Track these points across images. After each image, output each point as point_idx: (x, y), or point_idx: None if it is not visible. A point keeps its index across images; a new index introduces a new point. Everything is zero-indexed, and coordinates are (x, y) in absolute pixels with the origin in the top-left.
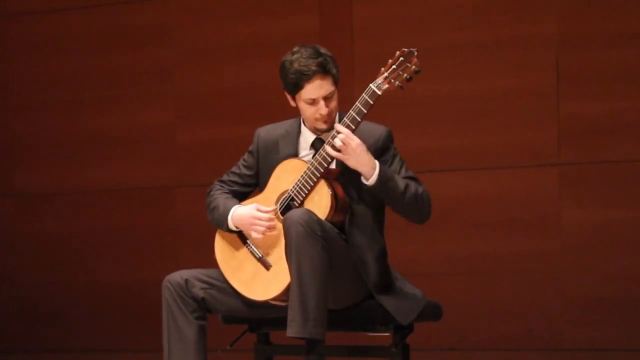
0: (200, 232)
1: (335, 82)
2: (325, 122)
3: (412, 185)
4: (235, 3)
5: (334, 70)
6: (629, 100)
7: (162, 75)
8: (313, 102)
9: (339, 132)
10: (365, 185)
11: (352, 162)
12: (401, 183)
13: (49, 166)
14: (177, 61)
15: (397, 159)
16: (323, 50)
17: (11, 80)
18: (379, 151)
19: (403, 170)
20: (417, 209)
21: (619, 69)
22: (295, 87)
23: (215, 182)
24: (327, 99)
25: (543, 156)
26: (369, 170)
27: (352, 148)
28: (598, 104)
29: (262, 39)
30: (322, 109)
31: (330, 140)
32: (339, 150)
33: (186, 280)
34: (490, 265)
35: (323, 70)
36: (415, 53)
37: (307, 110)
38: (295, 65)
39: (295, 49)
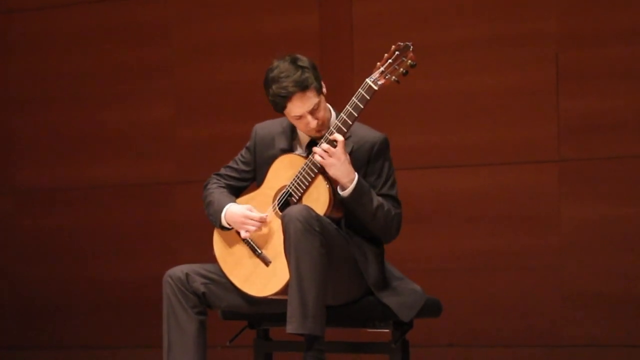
0: (200, 228)
1: (319, 91)
2: (318, 131)
3: (385, 207)
4: (236, 0)
5: (314, 83)
6: (628, 97)
7: (162, 71)
8: (300, 117)
9: (330, 139)
10: (339, 195)
11: (333, 171)
12: (374, 202)
13: (48, 163)
14: (177, 58)
15: (386, 171)
16: (301, 61)
17: (10, 76)
18: (372, 157)
19: (387, 185)
20: (383, 231)
21: (618, 66)
22: (279, 107)
23: (212, 176)
24: (313, 111)
25: (543, 153)
26: (347, 182)
27: (337, 156)
28: (598, 101)
29: (262, 36)
30: (311, 122)
31: (323, 141)
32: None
33: (187, 275)
34: (490, 261)
35: (301, 88)
36: (411, 47)
37: (297, 124)
38: (273, 86)
39: (274, 64)
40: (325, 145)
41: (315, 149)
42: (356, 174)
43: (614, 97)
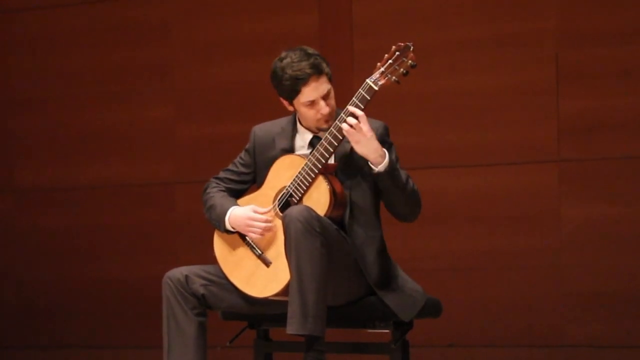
0: (200, 228)
1: (330, 79)
2: (326, 121)
3: (410, 180)
4: (235, 0)
5: (327, 68)
6: (628, 97)
7: (161, 71)
8: (312, 103)
9: (351, 114)
10: (373, 171)
11: (361, 148)
12: (403, 175)
13: (48, 162)
14: (176, 58)
15: (393, 154)
16: (311, 50)
17: (10, 76)
18: None
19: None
20: (413, 204)
21: (618, 66)
22: (293, 93)
23: (211, 179)
24: (325, 97)
25: (542, 153)
26: (377, 157)
27: (363, 132)
28: (598, 101)
29: (262, 35)
30: (324, 108)
31: (338, 123)
32: (352, 127)
33: (186, 277)
34: (490, 261)
35: (317, 71)
36: (411, 47)
37: (307, 113)
38: (289, 71)
39: (283, 54)
40: (352, 120)
41: (342, 124)
42: (385, 149)
43: (614, 97)
